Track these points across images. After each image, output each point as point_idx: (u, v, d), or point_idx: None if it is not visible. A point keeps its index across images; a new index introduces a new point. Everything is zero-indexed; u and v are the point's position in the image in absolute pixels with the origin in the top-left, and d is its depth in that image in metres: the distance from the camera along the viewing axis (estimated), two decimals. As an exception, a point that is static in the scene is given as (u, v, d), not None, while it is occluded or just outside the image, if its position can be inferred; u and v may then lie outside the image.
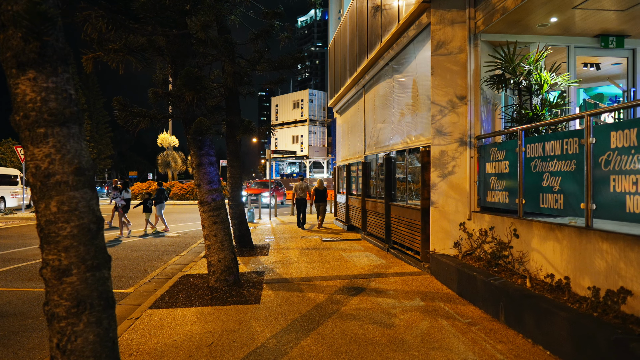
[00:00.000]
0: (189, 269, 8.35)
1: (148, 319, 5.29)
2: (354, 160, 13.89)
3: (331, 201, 23.37)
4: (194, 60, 6.95)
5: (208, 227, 6.78)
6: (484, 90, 6.94)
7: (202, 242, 11.42)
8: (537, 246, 5.11)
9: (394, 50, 9.39)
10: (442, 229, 7.11)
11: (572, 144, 4.62)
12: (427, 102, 7.83)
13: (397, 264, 8.41)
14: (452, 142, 7.00)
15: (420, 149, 7.81)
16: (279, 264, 8.62)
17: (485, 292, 5.25)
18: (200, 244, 11.76)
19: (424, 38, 7.98)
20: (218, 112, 10.41)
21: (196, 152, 6.77)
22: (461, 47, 6.91)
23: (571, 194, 4.65)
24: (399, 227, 9.23)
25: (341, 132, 16.66)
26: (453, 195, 6.99)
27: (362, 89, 12.74)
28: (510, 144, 5.90)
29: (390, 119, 10.10)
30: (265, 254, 9.86)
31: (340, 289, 6.47)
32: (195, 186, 6.89)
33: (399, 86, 9.49)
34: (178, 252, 10.84)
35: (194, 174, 6.87)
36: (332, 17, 17.99)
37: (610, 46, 7.02)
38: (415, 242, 8.22)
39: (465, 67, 6.88)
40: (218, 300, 5.98)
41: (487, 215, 6.32)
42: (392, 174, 10.01)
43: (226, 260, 6.73)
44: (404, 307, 5.56)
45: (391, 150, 9.95)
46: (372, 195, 11.89)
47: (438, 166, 7.16)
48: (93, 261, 2.51)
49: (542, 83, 6.18)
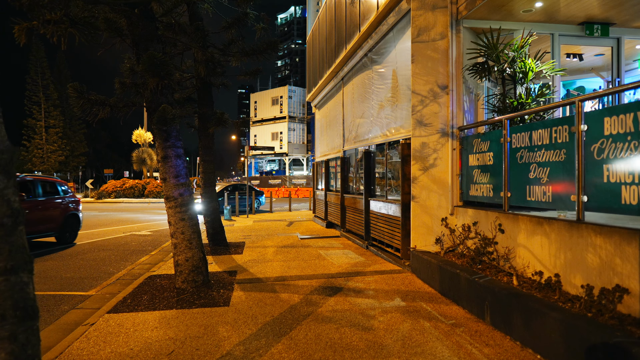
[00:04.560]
0: (157, 269, 7.86)
1: (105, 324, 4.82)
2: (333, 156, 13.53)
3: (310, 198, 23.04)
4: (159, 45, 6.46)
5: (175, 224, 6.31)
6: (466, 79, 6.64)
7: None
8: (524, 242, 4.81)
9: (373, 39, 9.04)
10: (424, 224, 6.79)
11: (562, 133, 4.32)
12: (408, 92, 7.51)
13: (377, 261, 8.07)
14: (434, 134, 6.68)
15: (401, 141, 7.48)
16: (253, 262, 8.19)
17: (470, 291, 4.94)
18: (172, 242, 11.24)
19: (404, 26, 7.64)
20: (189, 104, 9.91)
21: (162, 143, 6.29)
22: (443, 33, 6.59)
23: (561, 185, 4.35)
24: (378, 224, 8.89)
25: (320, 127, 16.28)
26: (435, 189, 6.68)
27: (340, 81, 12.37)
28: (494, 135, 5.60)
29: (369, 112, 9.76)
30: (239, 252, 9.42)
31: (316, 289, 6.08)
32: (161, 180, 6.42)
33: (379, 77, 9.15)
34: (148, 251, 10.31)
35: (160, 167, 6.39)
36: (311, 9, 17.57)
37: (595, 34, 6.78)
38: (395, 238, 7.89)
39: (447, 54, 6.56)
40: (184, 303, 5.53)
41: (471, 210, 6.01)
42: (372, 168, 9.67)
43: (194, 259, 6.28)
44: (383, 307, 5.21)
45: (370, 144, 9.61)
46: (351, 191, 11.55)
47: (419, 159, 6.83)
48: (7, 263, 2.06)
49: (527, 71, 5.89)
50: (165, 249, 10.34)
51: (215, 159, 10.54)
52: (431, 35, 6.71)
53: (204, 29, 9.08)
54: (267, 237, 11.88)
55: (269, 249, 9.80)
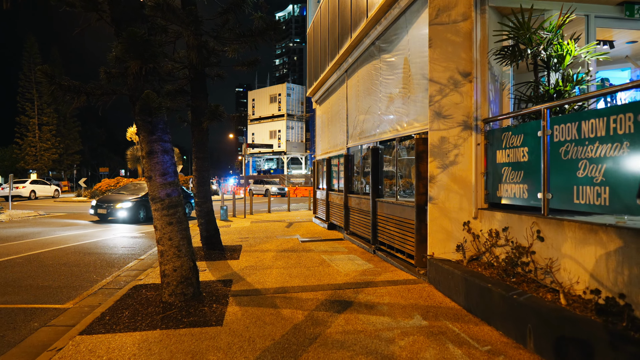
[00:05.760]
0: (144, 277, 7.11)
1: (74, 350, 4.05)
2: (335, 153, 12.76)
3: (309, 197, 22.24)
4: (144, 25, 5.68)
5: (161, 228, 5.55)
6: (491, 66, 5.89)
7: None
8: (571, 252, 4.06)
9: (382, 25, 8.27)
10: (442, 229, 6.04)
11: (624, 122, 3.57)
12: (423, 82, 6.75)
13: (387, 269, 7.32)
14: (455, 127, 5.92)
15: (415, 136, 6.73)
16: (251, 269, 7.43)
17: (505, 309, 4.19)
18: (164, 245, 10.46)
19: (419, 8, 6.89)
20: (181, 96, 9.13)
21: (146, 137, 5.52)
22: (465, 13, 5.83)
23: (622, 185, 3.60)
24: (387, 227, 8.14)
25: (321, 123, 15.50)
26: (455, 190, 5.92)
27: (344, 74, 11.60)
28: (529, 127, 4.85)
29: (376, 106, 9.00)
30: (236, 257, 8.65)
31: (322, 303, 5.32)
32: (146, 179, 5.65)
33: (387, 67, 8.38)
34: (138, 255, 9.53)
35: (144, 164, 5.62)
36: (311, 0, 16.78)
37: (636, 16, 6.05)
38: (408, 243, 7.14)
39: (470, 37, 5.80)
40: (170, 321, 4.76)
41: (499, 213, 5.26)
42: (379, 167, 8.91)
43: (183, 269, 5.51)
44: (402, 328, 4.45)
45: (378, 140, 8.85)
46: (356, 191, 10.79)
47: (437, 155, 6.08)
48: None
49: (565, 54, 5.14)
50: (155, 253, 9.56)
51: (211, 157, 9.77)
52: (452, 16, 5.95)
53: (197, 13, 8.30)
54: (265, 239, 11.11)
55: (268, 253, 9.04)
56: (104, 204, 16.60)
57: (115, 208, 16.30)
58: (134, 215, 16.42)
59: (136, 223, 16.18)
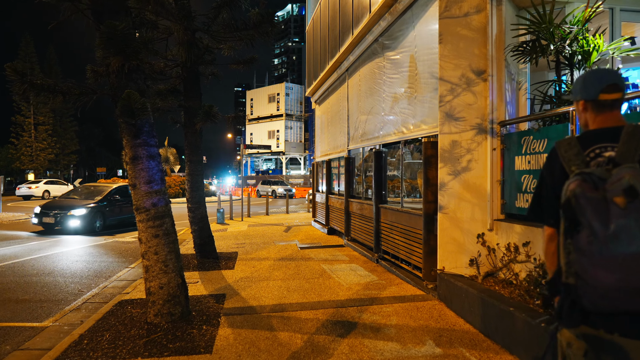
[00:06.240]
0: (132, 290, 6.62)
1: (41, 385, 3.55)
2: (335, 155, 12.26)
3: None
4: (128, 19, 5.17)
5: (146, 241, 5.05)
6: (508, 63, 5.39)
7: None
8: (607, 274, 3.57)
9: (386, 21, 7.78)
10: (453, 240, 5.55)
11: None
12: (431, 81, 6.26)
13: (392, 281, 6.83)
14: (467, 130, 5.43)
15: (422, 139, 6.24)
16: (246, 281, 6.94)
17: (531, 338, 3.70)
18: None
19: (427, 1, 6.39)
20: (173, 96, 8.62)
21: (130, 140, 5.02)
22: (479, 6, 5.34)
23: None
24: (391, 235, 7.65)
25: (320, 124, 15.00)
26: (468, 198, 5.43)
27: (345, 72, 11.10)
28: (555, 131, 4.36)
29: (379, 106, 8.50)
30: (230, 266, 8.16)
31: (324, 325, 4.83)
32: (130, 187, 5.15)
33: (392, 66, 7.89)
34: (129, 262, 9.05)
35: (128, 170, 5.12)
36: (311, -4, 16.27)
37: (665, 9, 5.57)
38: (415, 254, 6.65)
39: (484, 32, 5.31)
40: (154, 348, 4.26)
41: (519, 226, 4.77)
42: (383, 171, 8.42)
43: (170, 286, 5.01)
44: (414, 357, 3.96)
45: (381, 143, 8.36)
46: (358, 196, 10.29)
47: (448, 160, 5.59)
48: None
49: (591, 51, 4.66)
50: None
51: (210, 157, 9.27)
52: (464, 8, 5.46)
53: (189, 7, 7.81)
54: (262, 245, 10.62)
55: (265, 262, 8.54)
56: (51, 212, 13.67)
57: (65, 216, 13.45)
58: (89, 225, 13.71)
59: (92, 234, 13.59)
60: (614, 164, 1.62)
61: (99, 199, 14.66)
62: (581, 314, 1.65)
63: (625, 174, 1.52)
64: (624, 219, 1.49)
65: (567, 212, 1.63)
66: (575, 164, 1.71)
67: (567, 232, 1.63)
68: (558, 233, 1.77)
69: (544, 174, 1.91)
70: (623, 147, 1.64)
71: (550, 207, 1.85)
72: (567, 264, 1.64)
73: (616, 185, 1.52)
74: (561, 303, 1.74)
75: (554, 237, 1.85)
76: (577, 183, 1.59)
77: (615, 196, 1.51)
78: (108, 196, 15.07)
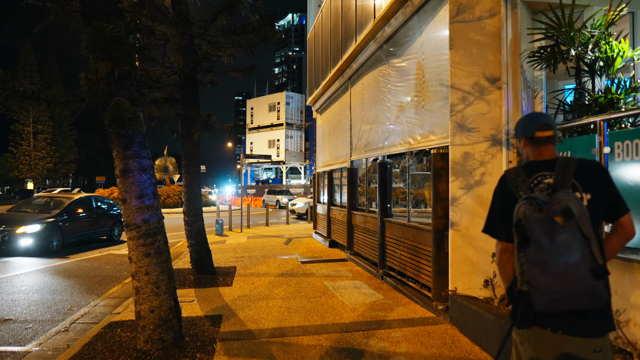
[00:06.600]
0: (123, 310, 6.24)
1: None
2: (337, 166, 11.91)
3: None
4: (120, 22, 4.85)
5: (137, 261, 4.68)
6: (524, 70, 5.06)
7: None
8: (645, 303, 3.21)
9: (391, 27, 7.48)
10: (466, 259, 5.18)
11: None
12: (440, 89, 5.94)
13: (399, 301, 6.45)
14: (481, 141, 5.09)
15: (432, 151, 5.90)
16: (245, 300, 6.56)
17: (560, 372, 3.32)
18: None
19: (436, 5, 6.09)
20: (170, 105, 8.30)
21: (120, 152, 4.68)
22: (492, 9, 5.02)
23: None
24: (397, 250, 7.28)
25: (322, 134, 14.67)
26: (482, 214, 5.07)
27: (347, 81, 10.80)
28: (579, 143, 4.01)
29: (384, 115, 8.18)
30: (228, 283, 7.78)
31: (328, 353, 4.44)
32: (120, 202, 4.79)
33: (397, 73, 7.58)
34: (123, 277, 8.67)
35: (118, 183, 4.77)
36: (312, 3, 16.02)
37: (690, 13, 5.26)
38: (424, 273, 6.28)
39: (498, 37, 4.99)
40: (142, 380, 3.88)
41: (539, 245, 4.40)
42: (388, 183, 8.06)
43: (162, 309, 4.63)
44: (429, 392, 3.58)
45: (386, 154, 8.01)
46: (361, 208, 9.93)
47: (460, 174, 5.24)
48: None
49: (615, 56, 4.33)
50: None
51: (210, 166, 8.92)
52: (476, 12, 5.15)
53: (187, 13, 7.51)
54: (262, 259, 10.23)
55: (264, 278, 8.16)
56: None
57: (13, 234, 11.09)
58: (44, 244, 11.43)
59: (47, 255, 11.30)
60: (552, 189, 1.97)
61: (57, 213, 12.34)
62: (533, 316, 1.91)
63: (562, 198, 1.86)
64: (564, 234, 1.82)
65: (519, 230, 1.93)
66: (523, 189, 2.04)
67: (519, 247, 1.93)
68: (509, 246, 2.14)
69: (496, 197, 2.23)
70: (558, 176, 2.00)
71: (502, 224, 2.14)
72: (521, 273, 1.93)
73: (556, 207, 1.85)
74: (515, 307, 1.98)
75: (506, 249, 2.15)
76: (526, 206, 1.91)
77: (556, 216, 1.84)
78: (68, 209, 12.71)
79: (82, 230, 13.27)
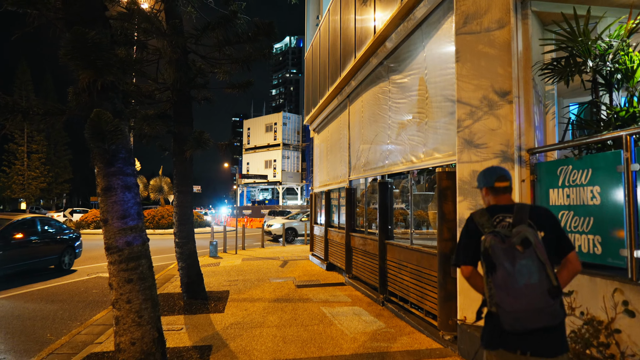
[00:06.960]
0: (105, 339, 5.80)
1: None
2: (335, 186, 11.57)
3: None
4: (106, 31, 4.56)
5: (118, 287, 4.27)
6: (536, 84, 4.78)
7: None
8: (688, 339, 2.83)
9: (392, 42, 7.24)
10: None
11: None
12: (445, 104, 5.65)
13: (402, 329, 6.02)
14: (491, 158, 4.77)
15: (437, 169, 5.57)
16: (237, 328, 6.11)
17: (592, 419, 2.92)
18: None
19: (439, 18, 5.85)
20: (161, 121, 7.97)
21: (103, 168, 4.32)
22: (501, 20, 4.76)
23: None
24: (400, 275, 6.88)
25: (319, 153, 14.37)
26: (493, 237, 4.71)
27: (346, 99, 10.54)
28: (602, 159, 3.69)
29: (384, 133, 7.87)
30: (220, 309, 7.33)
31: (327, 391, 4.01)
32: (101, 222, 4.41)
33: (398, 90, 7.30)
34: (109, 302, 8.17)
35: (100, 202, 4.39)
36: (310, 23, 15.92)
37: None
38: (428, 299, 5.88)
39: (508, 49, 4.71)
40: None
41: (557, 271, 4.03)
42: (388, 203, 7.71)
43: (144, 342, 4.21)
44: None
45: (387, 173, 7.68)
46: (360, 230, 9.54)
47: (468, 193, 4.90)
48: None
49: (635, 68, 4.05)
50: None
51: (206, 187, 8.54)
52: (484, 23, 4.89)
53: (182, 27, 7.26)
54: (256, 283, 9.77)
55: (258, 303, 7.71)
56: None
57: None
58: None
59: None
60: (512, 225, 2.30)
61: None
62: (500, 337, 2.20)
63: (521, 230, 2.19)
64: (524, 260, 2.12)
65: (486, 257, 2.24)
66: (487, 227, 2.37)
67: (487, 273, 2.22)
68: (474, 270, 2.46)
69: (463, 234, 2.54)
70: (517, 216, 2.34)
71: (467, 254, 2.46)
72: (490, 296, 2.20)
73: (516, 238, 2.17)
74: (485, 328, 2.32)
75: (473, 272, 2.46)
76: (492, 237, 2.23)
77: (517, 245, 2.15)
78: (5, 233, 10.25)
79: (23, 259, 10.68)
